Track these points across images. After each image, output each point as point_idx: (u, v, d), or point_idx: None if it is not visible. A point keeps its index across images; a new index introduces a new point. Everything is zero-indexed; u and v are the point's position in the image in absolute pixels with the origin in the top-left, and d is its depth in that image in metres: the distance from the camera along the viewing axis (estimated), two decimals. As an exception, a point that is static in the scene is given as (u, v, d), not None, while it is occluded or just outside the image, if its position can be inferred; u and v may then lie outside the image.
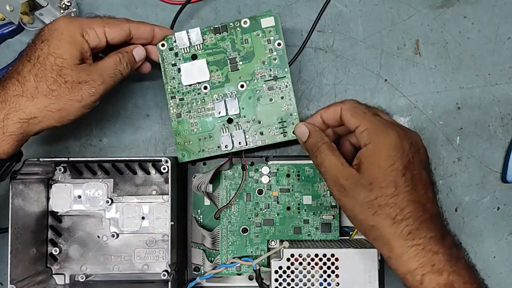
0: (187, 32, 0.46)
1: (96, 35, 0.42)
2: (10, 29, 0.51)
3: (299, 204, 0.48)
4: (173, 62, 0.47)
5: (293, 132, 0.45)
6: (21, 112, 0.39)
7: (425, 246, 0.35)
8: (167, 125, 0.52)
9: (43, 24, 0.50)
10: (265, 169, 0.48)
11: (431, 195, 0.38)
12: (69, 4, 0.49)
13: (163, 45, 0.46)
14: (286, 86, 0.46)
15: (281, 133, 0.46)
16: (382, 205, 0.36)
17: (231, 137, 0.46)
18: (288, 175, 0.48)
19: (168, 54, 0.47)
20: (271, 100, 0.46)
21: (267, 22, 0.46)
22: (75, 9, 0.50)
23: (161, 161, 0.44)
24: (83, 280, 0.48)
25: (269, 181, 0.48)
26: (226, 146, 0.46)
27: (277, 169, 0.48)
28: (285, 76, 0.46)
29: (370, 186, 0.36)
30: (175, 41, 0.46)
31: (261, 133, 0.46)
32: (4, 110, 0.39)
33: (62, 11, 0.49)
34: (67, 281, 0.48)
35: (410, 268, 0.35)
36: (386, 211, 0.36)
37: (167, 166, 0.44)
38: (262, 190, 0.48)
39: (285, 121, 0.46)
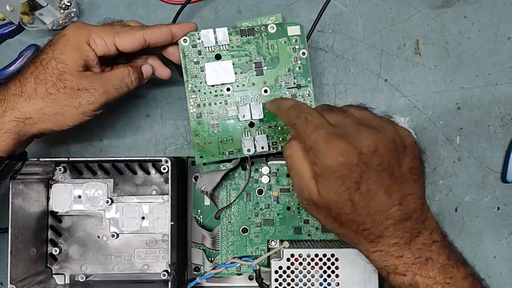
0: (214, 31, 0.45)
1: (105, 44, 0.42)
2: (10, 29, 0.51)
3: (299, 204, 0.48)
4: (195, 60, 0.45)
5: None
6: (17, 111, 0.40)
7: (388, 252, 0.35)
8: (167, 125, 0.52)
9: (43, 24, 0.50)
10: (265, 169, 0.48)
11: (397, 196, 0.34)
12: (69, 4, 0.49)
13: (185, 40, 0.45)
14: (308, 95, 0.46)
15: None
16: (343, 221, 0.35)
17: (254, 141, 0.45)
18: (288, 175, 0.48)
19: (191, 51, 0.45)
20: None
21: (293, 30, 0.45)
22: (75, 9, 0.50)
23: (161, 161, 0.44)
24: (83, 280, 0.48)
25: (269, 181, 0.48)
26: (248, 150, 0.45)
27: (277, 169, 0.48)
28: (308, 85, 0.46)
29: (328, 206, 0.34)
30: (199, 38, 0.45)
31: (283, 140, 0.46)
32: (2, 108, 0.40)
33: (62, 11, 0.49)
34: (67, 281, 0.48)
35: (377, 266, 0.36)
36: (347, 226, 0.35)
37: (167, 166, 0.44)
38: (262, 190, 0.48)
39: None
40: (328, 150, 0.33)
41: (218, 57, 0.45)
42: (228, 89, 0.46)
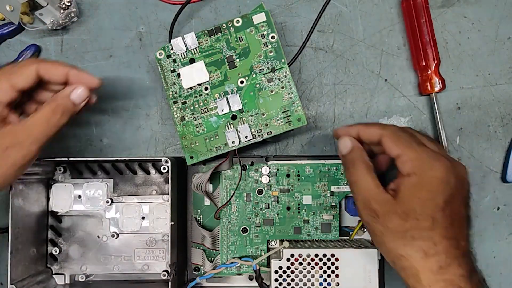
0: (183, 38, 0.46)
1: (3, 90, 0.38)
2: (10, 29, 0.51)
3: (299, 204, 0.48)
4: (172, 69, 0.47)
5: (337, 144, 0.44)
6: None
7: (453, 283, 0.34)
8: (167, 125, 0.52)
9: (43, 24, 0.50)
10: (265, 169, 0.48)
11: (465, 232, 0.37)
12: (69, 4, 0.49)
13: (160, 53, 0.47)
14: (285, 76, 0.46)
15: (286, 122, 0.46)
16: (415, 237, 0.35)
17: (237, 132, 0.46)
18: (288, 175, 0.48)
19: (167, 61, 0.47)
20: (272, 91, 0.46)
21: (259, 18, 0.46)
22: (75, 9, 0.50)
23: (161, 161, 0.44)
24: (83, 280, 0.48)
25: (269, 181, 0.48)
26: (233, 142, 0.46)
27: (277, 169, 0.48)
28: (283, 67, 0.46)
29: (405, 216, 0.35)
30: (171, 49, 0.47)
31: (266, 125, 0.46)
32: None
33: (62, 11, 0.49)
34: (67, 281, 0.49)
35: None
36: (418, 244, 0.35)
37: (167, 166, 0.44)
38: (262, 190, 0.48)
39: (288, 110, 0.46)
40: (435, 164, 0.36)
41: (192, 61, 0.47)
42: (206, 88, 0.47)
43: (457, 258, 0.35)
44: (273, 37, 0.46)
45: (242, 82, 0.46)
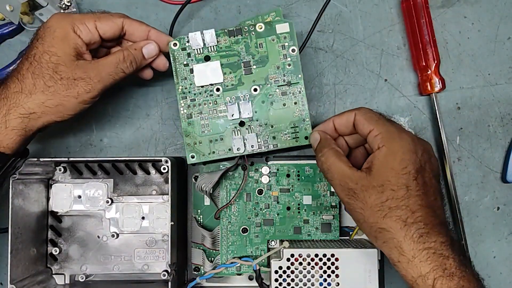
0: (202, 33, 0.45)
1: (88, 30, 0.42)
2: (10, 29, 0.51)
3: (299, 204, 0.48)
4: (185, 62, 0.46)
5: (309, 140, 0.45)
6: (21, 108, 0.40)
7: (436, 250, 0.35)
8: (167, 125, 0.52)
9: (43, 24, 0.50)
10: (265, 169, 0.48)
11: (440, 203, 0.38)
12: (69, 4, 0.49)
13: (175, 44, 0.46)
14: (300, 92, 0.46)
15: (293, 138, 0.45)
16: (392, 207, 0.36)
17: (244, 140, 0.46)
18: (288, 175, 0.48)
19: (181, 54, 0.46)
20: (284, 105, 0.46)
21: (282, 28, 0.45)
22: (75, 9, 0.50)
23: (161, 161, 0.44)
24: (83, 280, 0.48)
25: (269, 181, 0.48)
26: (238, 149, 0.45)
27: (277, 169, 0.48)
28: (298, 82, 0.46)
29: (381, 188, 0.36)
30: (188, 41, 0.46)
31: (274, 138, 0.46)
32: (6, 106, 0.40)
33: (62, 11, 0.49)
34: (67, 281, 0.49)
35: (422, 272, 0.35)
36: (397, 214, 0.36)
37: (167, 166, 0.44)
38: (262, 190, 0.48)
39: (297, 126, 0.45)
40: (402, 135, 0.38)
41: (207, 58, 0.46)
42: (217, 89, 0.46)
43: (435, 226, 0.36)
44: (293, 50, 0.45)
45: (255, 90, 0.46)
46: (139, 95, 0.52)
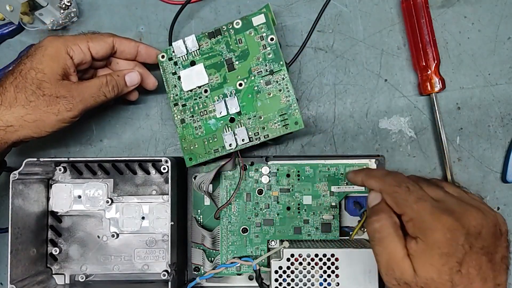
0: (183, 41, 0.46)
1: (81, 50, 0.44)
2: (10, 29, 0.51)
3: (299, 204, 0.48)
4: (173, 71, 0.47)
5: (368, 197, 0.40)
6: None
7: None
8: (167, 125, 0.52)
9: (43, 24, 0.50)
10: (265, 169, 0.48)
11: (491, 284, 0.34)
12: (69, 4, 0.49)
13: (163, 56, 0.48)
14: (283, 79, 0.46)
15: (283, 125, 0.45)
16: None
17: (234, 135, 0.46)
18: (288, 175, 0.48)
19: (168, 64, 0.48)
20: (269, 94, 0.46)
21: (258, 20, 0.46)
22: (75, 9, 0.50)
23: (161, 161, 0.44)
24: (83, 280, 0.48)
25: (269, 181, 0.48)
26: (230, 145, 0.46)
27: (277, 169, 0.48)
28: (281, 69, 0.46)
29: (425, 286, 0.34)
30: (173, 51, 0.47)
31: (263, 128, 0.46)
32: None
33: (62, 11, 0.49)
34: (67, 281, 0.49)
35: None
36: None
37: (167, 166, 0.44)
38: (262, 190, 0.48)
39: (285, 113, 0.45)
40: (435, 224, 0.33)
41: (193, 63, 0.47)
42: (205, 91, 0.47)
43: None
44: (272, 39, 0.46)
45: (240, 84, 0.46)
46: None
